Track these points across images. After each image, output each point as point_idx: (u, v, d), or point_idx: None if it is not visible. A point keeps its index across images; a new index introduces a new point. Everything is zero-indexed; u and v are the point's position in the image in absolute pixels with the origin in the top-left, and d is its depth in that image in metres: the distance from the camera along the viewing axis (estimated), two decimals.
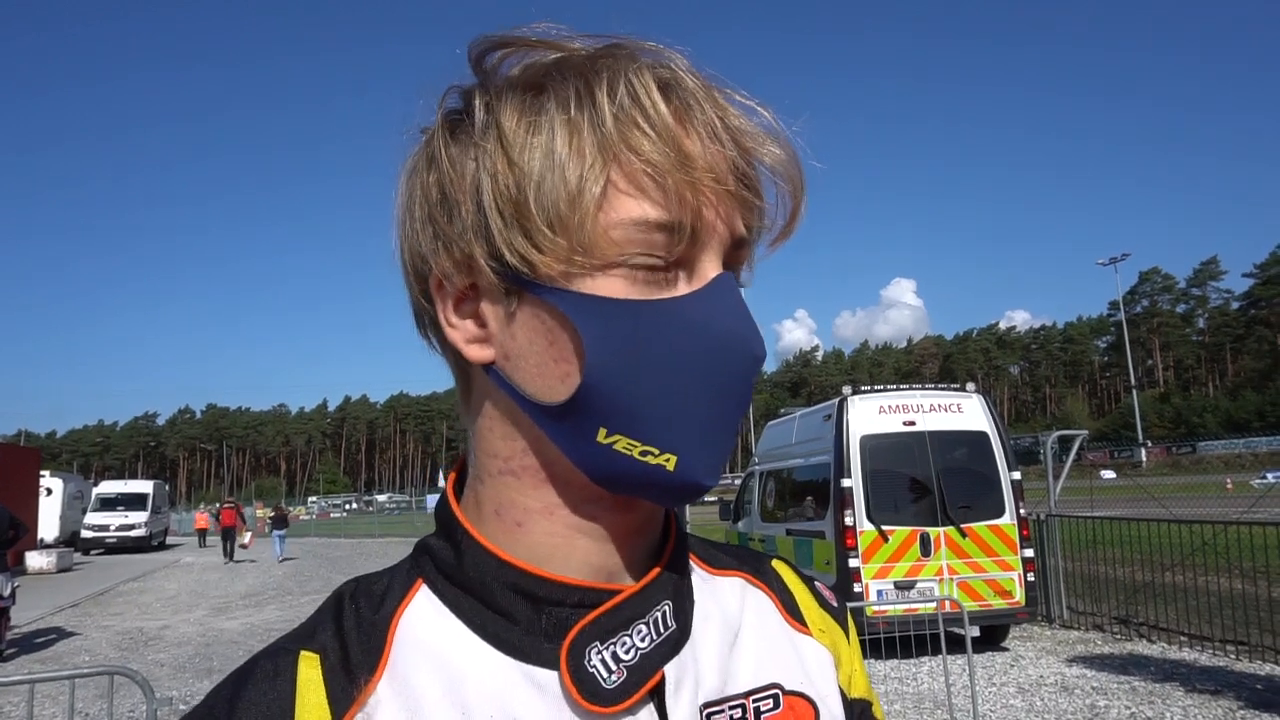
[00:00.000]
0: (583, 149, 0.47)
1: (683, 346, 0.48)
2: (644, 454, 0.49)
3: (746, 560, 0.65)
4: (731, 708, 0.54)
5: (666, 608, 0.53)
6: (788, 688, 0.58)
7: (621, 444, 0.49)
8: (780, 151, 0.52)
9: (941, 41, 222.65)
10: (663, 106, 0.48)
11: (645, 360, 0.48)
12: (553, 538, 0.53)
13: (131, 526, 30.66)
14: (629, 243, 0.48)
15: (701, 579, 0.60)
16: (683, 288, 0.49)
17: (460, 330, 0.52)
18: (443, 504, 0.57)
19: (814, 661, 0.61)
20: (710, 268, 0.50)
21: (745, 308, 0.51)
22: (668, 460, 0.49)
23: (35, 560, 21.04)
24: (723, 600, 0.60)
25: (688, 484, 0.49)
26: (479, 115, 0.50)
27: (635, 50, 0.50)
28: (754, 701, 0.56)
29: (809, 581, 0.68)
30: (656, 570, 0.54)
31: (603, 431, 0.49)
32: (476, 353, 0.52)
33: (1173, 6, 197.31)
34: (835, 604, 0.67)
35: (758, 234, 0.54)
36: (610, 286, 0.48)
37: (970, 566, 8.11)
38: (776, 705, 0.56)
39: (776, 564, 0.67)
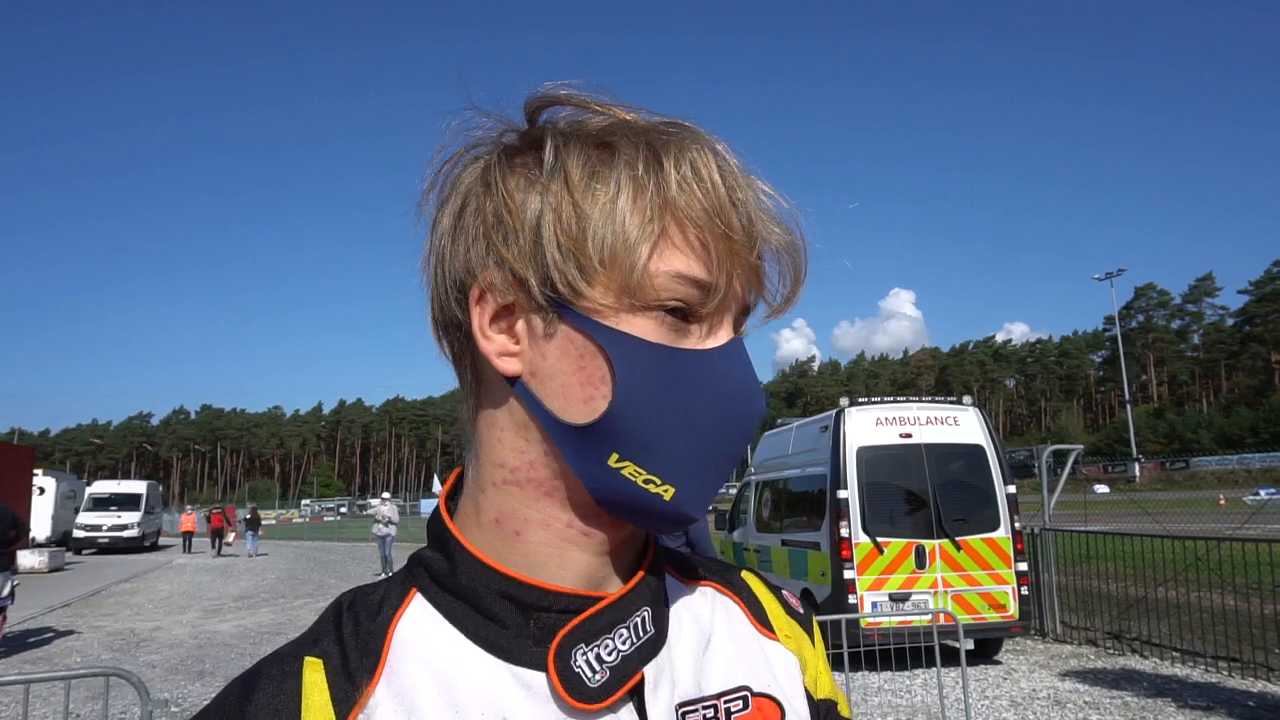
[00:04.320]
0: (645, 205, 0.53)
1: (699, 394, 0.54)
2: (647, 482, 0.54)
3: (717, 571, 0.70)
4: (705, 708, 0.58)
5: (646, 613, 0.57)
6: (756, 690, 0.62)
7: (629, 470, 0.54)
8: (793, 239, 0.59)
9: (941, 47, 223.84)
10: (719, 182, 0.55)
11: (665, 399, 0.53)
12: (547, 547, 0.57)
13: (124, 527, 30.50)
14: (668, 291, 0.53)
15: (676, 588, 0.64)
16: (704, 342, 0.55)
17: (494, 342, 0.56)
18: (435, 517, 0.61)
19: (781, 665, 0.65)
20: (725, 329, 0.57)
21: (754, 370, 0.57)
22: (666, 491, 0.54)
23: (27, 560, 20.97)
24: (696, 608, 0.64)
25: (679, 514, 0.55)
26: (548, 158, 0.55)
27: (695, 130, 0.57)
28: (725, 702, 0.60)
29: (776, 590, 0.72)
30: (637, 578, 0.59)
31: (615, 456, 0.53)
32: (506, 365, 0.56)
33: (1170, 20, 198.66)
34: (801, 611, 0.72)
35: (756, 305, 0.61)
36: (642, 327, 0.53)
37: (965, 579, 8.12)
38: (746, 706, 0.60)
39: (746, 575, 0.72)
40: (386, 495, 20.55)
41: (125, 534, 30.43)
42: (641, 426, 0.53)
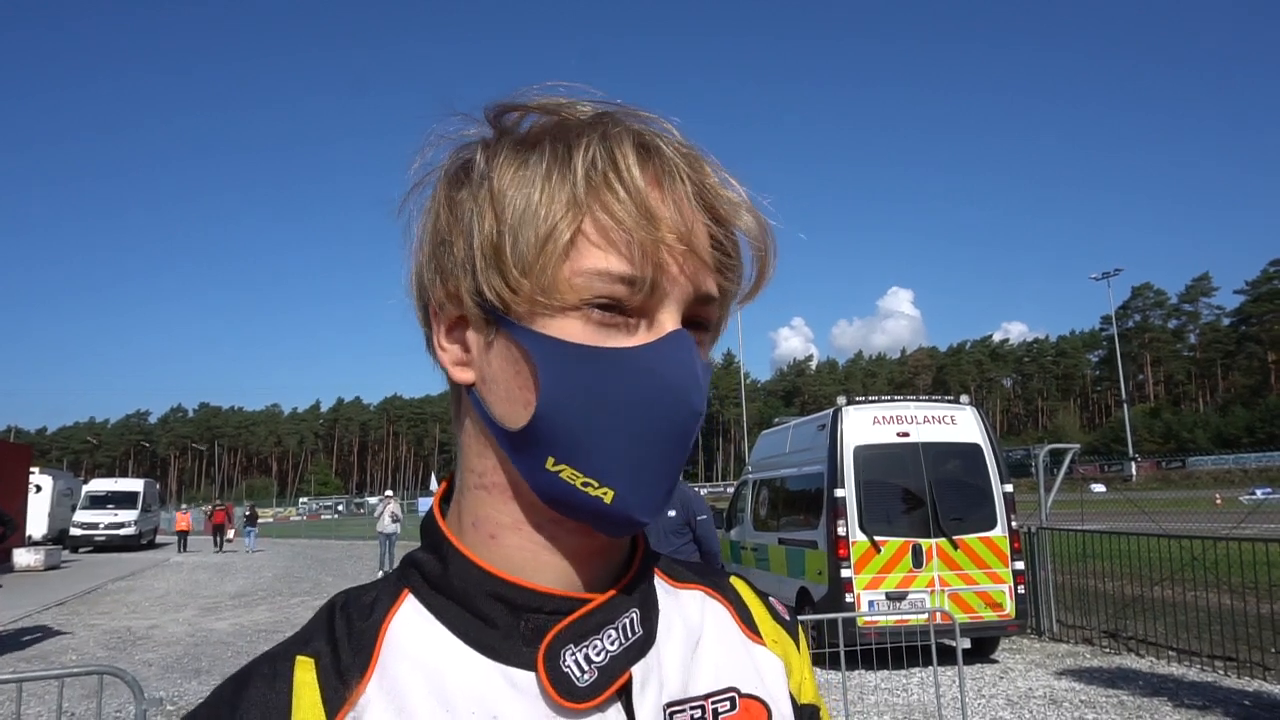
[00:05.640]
0: (553, 203, 0.52)
1: (627, 393, 0.53)
2: (585, 485, 0.53)
3: (707, 576, 0.71)
4: (692, 708, 0.59)
5: (634, 615, 0.58)
6: (744, 691, 0.63)
7: (566, 473, 0.54)
8: (751, 220, 0.57)
9: (940, 47, 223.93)
10: (636, 170, 0.53)
11: (592, 401, 0.53)
12: (521, 551, 0.57)
13: (121, 525, 30.51)
14: (590, 290, 0.52)
15: (666, 591, 0.65)
16: (640, 337, 0.54)
17: (449, 353, 0.59)
18: (429, 519, 0.62)
19: (768, 668, 0.67)
20: (669, 321, 0.54)
21: (693, 364, 0.54)
22: (605, 494, 0.53)
23: (23, 557, 20.94)
24: (685, 611, 0.65)
25: (624, 518, 0.54)
26: (478, 167, 0.56)
27: (624, 117, 0.56)
28: (713, 703, 0.60)
29: (764, 596, 0.73)
30: (625, 581, 0.60)
31: (551, 460, 0.54)
32: (460, 374, 0.58)
33: (1169, 21, 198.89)
34: (787, 617, 0.73)
35: (732, 293, 0.59)
36: (569, 329, 0.53)
37: (961, 578, 8.14)
38: (733, 707, 0.61)
39: (734, 580, 0.73)
40: (390, 493, 20.59)
41: (122, 532, 30.45)
42: (570, 429, 0.53)
